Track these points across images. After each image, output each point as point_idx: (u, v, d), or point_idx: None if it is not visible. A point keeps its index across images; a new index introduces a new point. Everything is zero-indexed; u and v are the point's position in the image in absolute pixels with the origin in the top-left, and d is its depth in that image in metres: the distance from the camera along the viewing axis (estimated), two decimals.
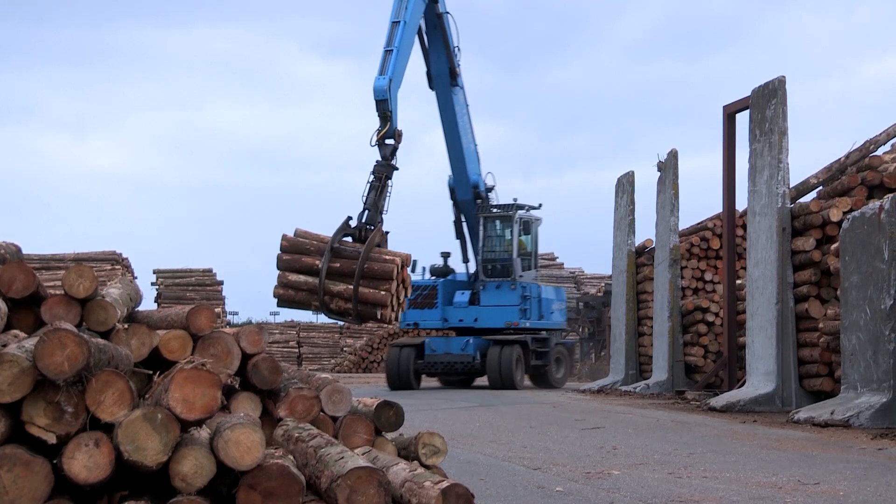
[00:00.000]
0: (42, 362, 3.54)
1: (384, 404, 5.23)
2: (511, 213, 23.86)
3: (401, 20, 19.95)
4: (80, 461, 3.53)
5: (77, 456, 3.53)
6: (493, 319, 23.39)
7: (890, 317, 11.46)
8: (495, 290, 23.67)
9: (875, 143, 15.03)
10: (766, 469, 8.14)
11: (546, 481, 7.88)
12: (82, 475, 3.52)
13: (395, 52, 19.57)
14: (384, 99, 19.23)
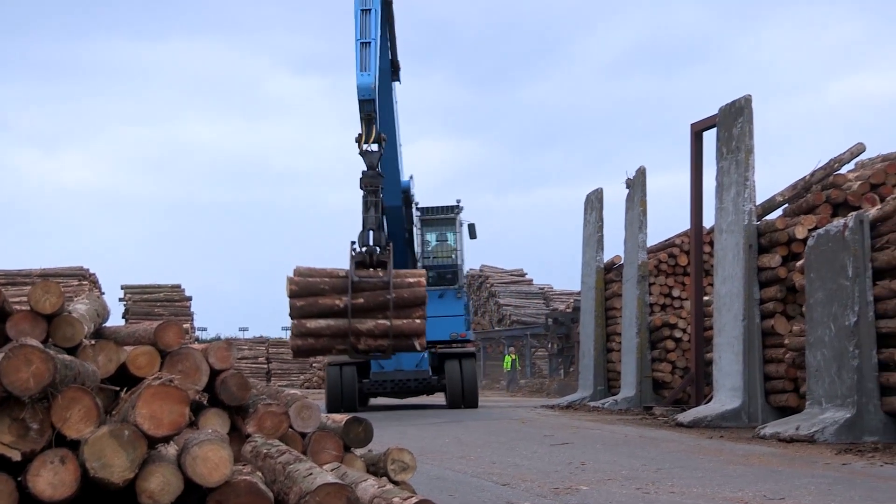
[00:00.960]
0: (7, 379, 3.50)
1: (353, 420, 5.21)
2: (455, 216, 22.50)
3: (371, 8, 17.83)
4: (45, 478, 3.49)
5: (42, 473, 3.49)
6: (437, 331, 20.62)
7: (854, 333, 11.58)
8: (438, 299, 21.31)
9: (839, 162, 15.22)
10: (733, 484, 8.18)
11: (514, 497, 7.87)
12: (47, 493, 3.48)
13: (374, 44, 17.51)
14: (370, 99, 17.09)
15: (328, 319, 16.41)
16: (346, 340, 16.29)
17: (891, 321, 11.28)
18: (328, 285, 16.57)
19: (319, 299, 16.53)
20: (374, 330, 16.34)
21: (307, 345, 16.74)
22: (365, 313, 16.43)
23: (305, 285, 16.61)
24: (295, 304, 16.63)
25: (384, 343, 16.45)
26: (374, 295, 16.50)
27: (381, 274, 16.66)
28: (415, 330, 16.53)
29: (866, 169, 14.76)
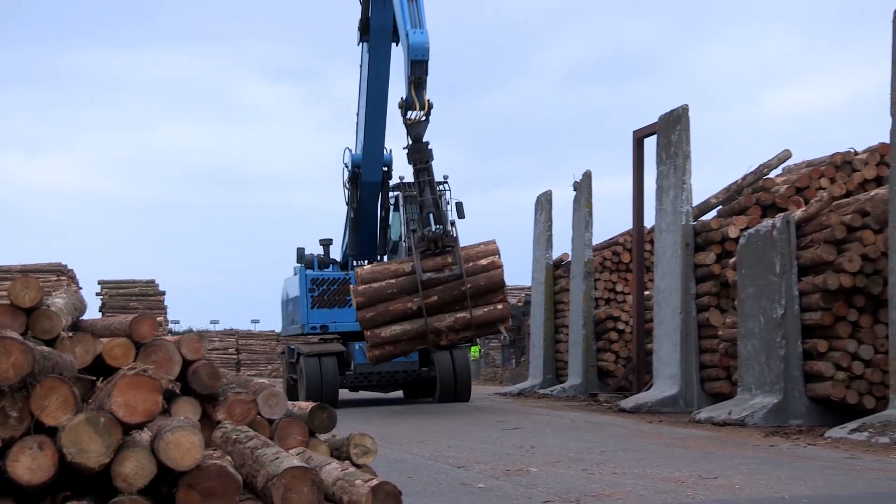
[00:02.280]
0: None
1: (318, 408, 5.19)
2: (443, 192, 18.63)
3: None
4: (23, 464, 3.44)
5: (21, 459, 3.44)
6: None
7: (781, 325, 11.74)
8: None
9: (768, 167, 15.41)
10: (671, 465, 8.26)
11: (469, 478, 7.90)
12: (26, 477, 3.44)
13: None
14: (424, 60, 13.91)
15: (403, 324, 13.94)
16: (425, 340, 13.99)
17: (814, 314, 11.45)
18: (396, 287, 13.92)
19: (390, 306, 13.91)
20: (455, 325, 13.91)
21: (385, 353, 14.28)
22: (441, 308, 13.92)
23: (372, 294, 13.94)
24: (364, 315, 13.99)
25: (467, 334, 14.17)
26: (448, 289, 13.87)
27: (450, 260, 13.92)
28: (497, 317, 14.03)
29: (792, 174, 14.96)
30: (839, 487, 6.95)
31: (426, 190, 14.28)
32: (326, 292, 18.05)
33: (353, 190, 17.89)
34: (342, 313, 17.90)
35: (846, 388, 11.05)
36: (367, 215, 17.90)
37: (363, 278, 14.18)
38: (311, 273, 18.20)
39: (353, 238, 18.20)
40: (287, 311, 19.81)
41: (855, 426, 9.84)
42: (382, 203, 18.04)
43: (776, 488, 6.93)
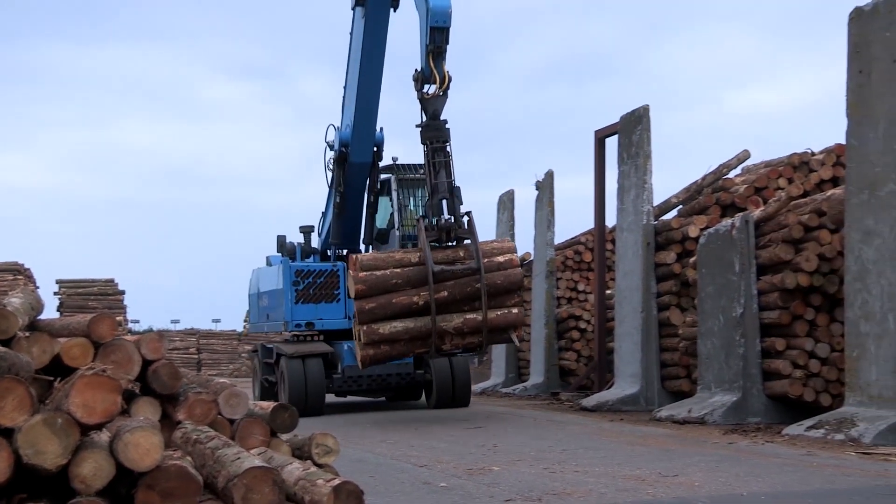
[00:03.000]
0: None
1: (279, 407, 5.17)
2: None
3: None
4: None
5: None
6: None
7: (740, 324, 11.88)
8: None
9: (728, 167, 15.57)
10: (632, 463, 8.33)
11: (431, 477, 7.90)
12: None
13: None
14: (446, 26, 12.50)
15: (405, 321, 11.95)
16: (427, 342, 12.08)
17: (772, 313, 11.60)
18: (401, 278, 12.03)
19: (393, 298, 11.97)
20: (463, 327, 12.07)
21: (380, 353, 12.21)
22: (450, 307, 12.09)
23: (374, 283, 11.99)
24: (363, 306, 11.93)
25: (474, 340, 12.26)
26: (460, 285, 12.06)
27: (462, 254, 12.24)
28: (511, 321, 12.33)
29: (751, 174, 15.13)
30: (796, 484, 7.04)
31: (441, 172, 12.40)
32: (312, 285, 15.81)
33: (340, 172, 15.73)
34: (329, 309, 15.85)
35: (803, 385, 11.21)
36: (354, 200, 15.91)
37: (364, 265, 12.10)
38: (296, 264, 16.02)
39: (336, 225, 16.04)
40: (259, 307, 17.59)
41: (811, 423, 9.99)
42: (371, 187, 16.00)
43: (735, 485, 7.01)
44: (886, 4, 9.64)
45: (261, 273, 17.73)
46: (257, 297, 17.78)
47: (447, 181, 12.46)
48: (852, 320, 9.96)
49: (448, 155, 12.56)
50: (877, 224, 9.66)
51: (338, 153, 15.65)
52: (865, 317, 9.74)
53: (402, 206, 16.27)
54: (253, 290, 18.14)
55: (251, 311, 18.51)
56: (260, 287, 17.58)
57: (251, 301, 18.34)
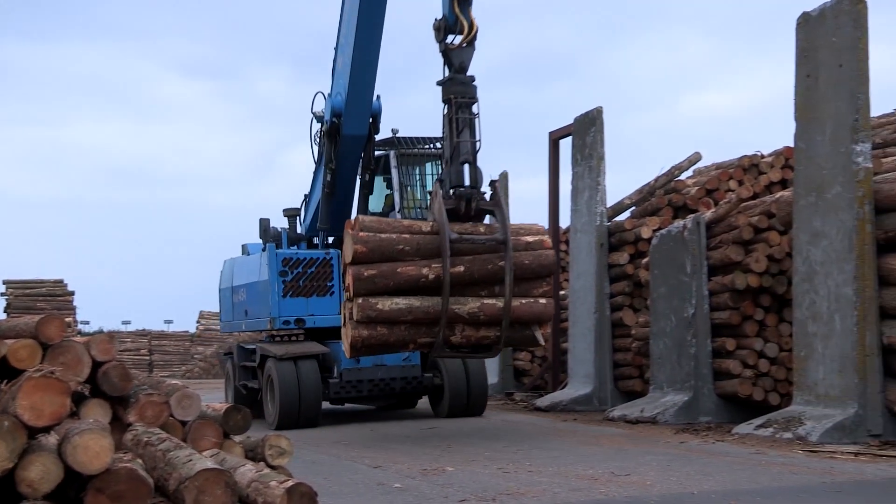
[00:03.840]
0: None
1: (232, 409, 5.13)
2: (440, 149, 13.82)
3: None
4: None
5: None
6: None
7: (692, 324, 12.02)
8: None
9: (679, 169, 15.75)
10: (585, 463, 8.39)
11: (386, 478, 7.89)
12: None
13: None
14: None
15: (410, 299, 9.84)
16: (433, 330, 9.94)
17: (723, 313, 11.75)
18: (410, 245, 9.96)
19: (399, 267, 9.85)
20: (479, 314, 9.96)
21: (376, 336, 9.90)
22: (465, 289, 10.03)
23: (377, 245, 9.89)
24: (361, 273, 9.78)
25: (490, 334, 10.14)
26: (480, 262, 10.05)
27: (483, 231, 10.28)
28: (537, 314, 10.29)
29: (702, 176, 15.32)
30: (745, 482, 7.14)
31: (465, 132, 10.51)
32: (302, 276, 13.56)
33: (331, 146, 13.52)
34: (322, 304, 13.57)
35: (753, 385, 11.37)
36: (346, 179, 13.80)
37: (366, 225, 10.10)
38: (283, 252, 13.71)
39: (326, 208, 13.80)
40: (235, 302, 15.35)
41: (760, 422, 10.14)
42: (366, 164, 13.86)
43: (686, 484, 7.09)
44: (833, 10, 9.82)
45: (236, 264, 15.47)
46: (231, 291, 15.45)
47: (471, 141, 10.50)
48: (800, 320, 10.13)
49: (472, 112, 10.63)
50: (824, 226, 9.84)
51: (328, 124, 13.49)
52: (813, 317, 9.92)
53: (402, 186, 14.02)
54: (226, 284, 15.78)
55: (223, 308, 16.09)
56: (235, 280, 15.31)
57: (223, 296, 15.97)
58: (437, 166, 13.94)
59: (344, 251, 10.14)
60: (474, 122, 10.58)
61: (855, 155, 9.46)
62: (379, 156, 14.10)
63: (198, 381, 33.38)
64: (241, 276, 15.09)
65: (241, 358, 14.66)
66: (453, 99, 10.56)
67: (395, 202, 13.97)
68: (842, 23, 9.69)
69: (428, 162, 14.40)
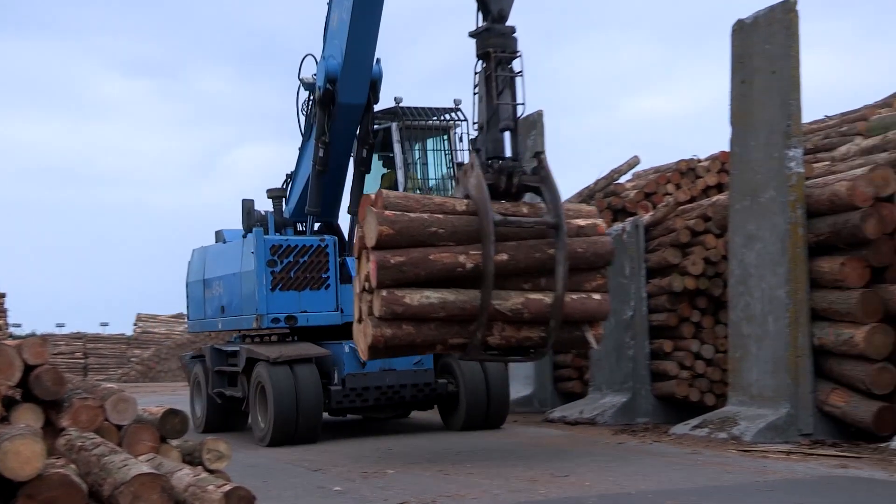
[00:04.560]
0: None
1: (170, 412, 5.07)
2: (449, 122, 12.48)
3: None
4: None
5: None
6: None
7: (630, 326, 12.17)
8: None
9: (619, 173, 15.93)
10: (525, 464, 8.43)
11: (326, 481, 7.86)
12: None
13: None
14: None
15: (442, 291, 8.22)
16: (466, 329, 8.34)
17: (660, 315, 11.92)
18: (444, 227, 8.34)
19: (432, 253, 8.23)
20: (523, 311, 8.41)
21: (401, 336, 8.27)
22: (507, 280, 8.43)
23: (406, 226, 8.26)
24: (387, 259, 8.13)
25: (533, 335, 8.58)
26: (526, 249, 8.49)
27: (527, 212, 8.68)
28: (590, 312, 8.81)
29: (641, 179, 15.51)
30: (681, 482, 7.26)
31: (505, 92, 8.91)
32: (294, 266, 11.56)
33: (323, 116, 11.63)
34: (316, 299, 11.62)
35: (689, 386, 11.54)
36: (340, 155, 11.84)
37: (391, 202, 8.44)
38: (272, 238, 11.71)
39: (316, 189, 11.87)
40: (207, 298, 13.25)
41: (696, 423, 10.30)
42: (363, 138, 11.89)
43: (624, 484, 7.18)
44: (766, 18, 10.03)
45: (209, 254, 13.32)
46: (203, 285, 13.33)
47: (512, 105, 8.94)
48: (735, 322, 10.32)
49: (515, 72, 9.05)
50: (758, 229, 10.04)
51: (321, 91, 11.52)
52: (747, 319, 10.11)
53: (406, 164, 12.09)
54: (195, 277, 13.65)
55: (191, 305, 13.89)
56: (208, 272, 13.19)
57: (192, 291, 13.81)
58: (446, 142, 12.31)
59: (364, 233, 8.36)
60: (515, 80, 9.03)
61: (788, 160, 9.67)
62: (378, 129, 12.16)
63: (134, 385, 32.88)
64: (216, 268, 12.94)
65: (217, 362, 12.62)
66: (492, 53, 8.96)
67: (398, 182, 11.92)
68: (775, 31, 9.90)
69: (435, 136, 12.46)
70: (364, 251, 8.42)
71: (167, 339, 38.41)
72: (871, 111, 12.70)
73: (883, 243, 9.08)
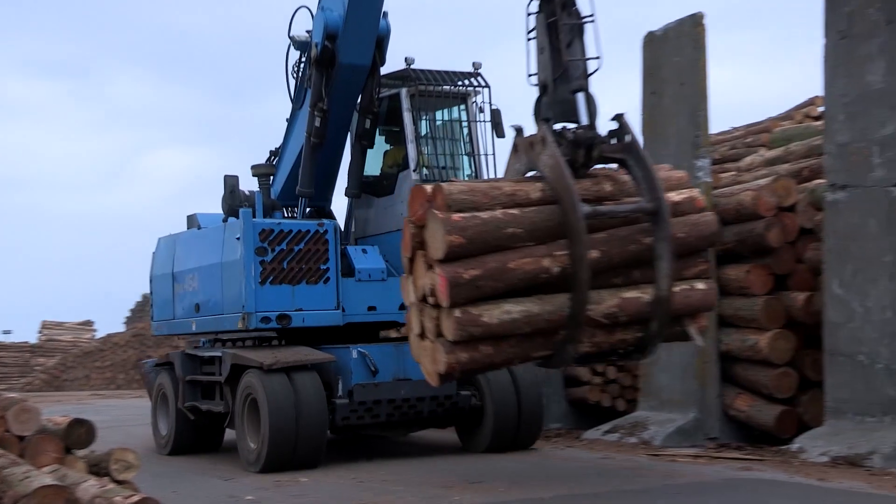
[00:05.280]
0: None
1: (75, 422, 4.93)
2: (467, 88, 10.40)
3: None
4: None
5: None
6: None
7: None
8: None
9: None
10: (439, 471, 8.44)
11: (238, 490, 7.75)
12: None
13: None
14: None
15: (525, 302, 6.86)
16: (549, 340, 7.05)
17: None
18: (522, 225, 6.90)
19: (509, 260, 6.84)
20: (619, 314, 7.05)
21: (478, 359, 6.96)
22: (598, 279, 6.96)
23: (479, 232, 6.81)
24: (459, 275, 6.73)
25: (628, 336, 7.25)
26: (618, 240, 7.08)
27: (610, 189, 7.26)
28: (695, 305, 7.38)
29: None
30: (593, 486, 7.36)
31: (575, 46, 7.32)
32: (287, 255, 9.64)
33: (321, 80, 9.87)
34: (312, 295, 9.72)
35: (601, 391, 11.70)
36: (340, 125, 10.11)
37: (455, 199, 6.91)
38: (261, 222, 9.75)
39: (310, 166, 10.04)
40: (174, 293, 11.12)
41: (608, 428, 10.46)
42: (365, 107, 10.10)
43: (537, 489, 7.24)
44: (675, 31, 10.27)
45: (180, 243, 11.15)
46: (171, 279, 11.16)
47: (584, 60, 7.37)
48: None
49: (585, 18, 7.38)
50: None
51: (319, 49, 9.74)
52: None
53: (417, 138, 10.08)
54: (162, 270, 11.40)
55: (157, 303, 11.67)
56: (179, 264, 11.05)
57: (157, 287, 11.58)
58: (464, 111, 10.38)
59: (428, 243, 6.87)
60: (584, 31, 7.34)
61: (696, 170, 9.90)
62: (384, 96, 10.25)
63: (39, 395, 31.90)
64: (189, 258, 10.85)
65: (190, 370, 10.55)
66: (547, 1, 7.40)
67: (409, 159, 10.00)
68: (683, 44, 10.15)
69: (451, 106, 10.49)
70: (419, 254, 6.97)
71: (74, 346, 37.39)
72: (775, 123, 13.11)
73: (785, 251, 9.37)
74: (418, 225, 6.93)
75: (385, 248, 9.86)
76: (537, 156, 7.17)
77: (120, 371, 31.59)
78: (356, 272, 9.69)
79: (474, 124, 10.28)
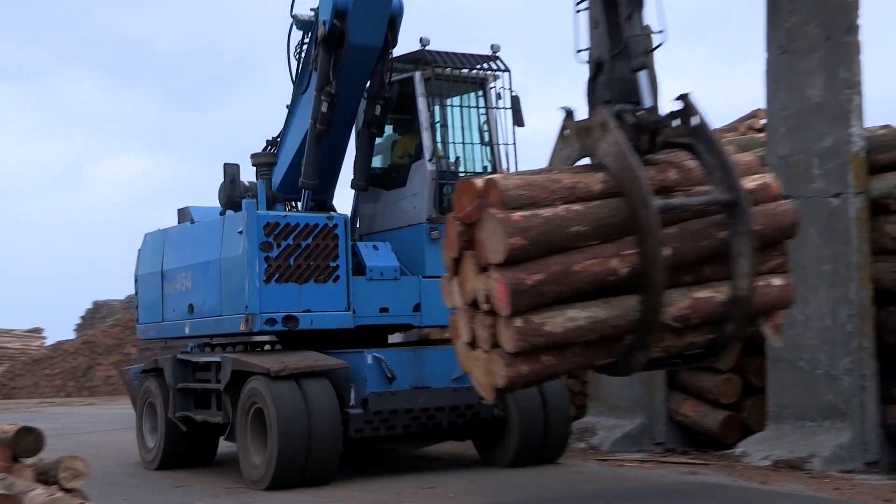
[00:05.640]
0: None
1: (24, 430, 4.91)
2: (486, 72, 9.64)
3: None
4: None
5: None
6: None
7: None
8: None
9: None
10: (390, 476, 8.47)
11: (189, 497, 7.73)
12: None
13: None
14: None
15: (590, 307, 6.21)
16: (615, 347, 6.42)
17: None
18: (586, 222, 6.19)
19: (574, 262, 6.13)
20: (691, 316, 6.39)
21: (540, 371, 6.31)
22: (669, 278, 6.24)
23: (543, 233, 6.07)
24: (521, 281, 6.01)
25: (698, 339, 6.62)
26: (690, 236, 6.40)
27: (676, 177, 6.59)
28: (771, 302, 6.71)
29: None
30: (543, 490, 7.45)
31: (635, 18, 6.60)
32: (293, 251, 8.71)
33: (328, 61, 9.06)
34: (321, 294, 8.82)
35: None
36: (347, 112, 9.32)
37: (511, 195, 6.17)
38: (266, 214, 8.88)
39: (314, 155, 9.24)
40: (163, 293, 10.13)
41: None
42: (375, 91, 9.31)
43: (488, 495, 7.33)
44: None
45: (170, 238, 10.21)
46: (160, 277, 10.20)
47: (645, 35, 6.83)
48: None
49: None
50: None
51: (327, 28, 8.96)
52: None
53: (433, 125, 9.23)
54: (150, 268, 10.43)
55: (143, 303, 10.64)
56: (169, 261, 10.11)
57: (144, 286, 10.58)
58: (481, 97, 9.58)
59: (484, 245, 6.15)
60: (644, 1, 6.61)
61: None
62: (396, 80, 9.47)
63: None
64: (181, 255, 9.92)
65: (182, 377, 9.60)
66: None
67: (424, 148, 9.14)
68: None
69: (468, 92, 9.64)
70: (467, 255, 6.29)
71: (22, 354, 36.72)
72: (719, 135, 13.31)
73: None
74: (466, 223, 6.20)
75: (394, 245, 9.13)
76: (595, 142, 6.41)
77: (70, 379, 31.11)
78: (367, 270, 8.85)
79: (493, 111, 9.46)
